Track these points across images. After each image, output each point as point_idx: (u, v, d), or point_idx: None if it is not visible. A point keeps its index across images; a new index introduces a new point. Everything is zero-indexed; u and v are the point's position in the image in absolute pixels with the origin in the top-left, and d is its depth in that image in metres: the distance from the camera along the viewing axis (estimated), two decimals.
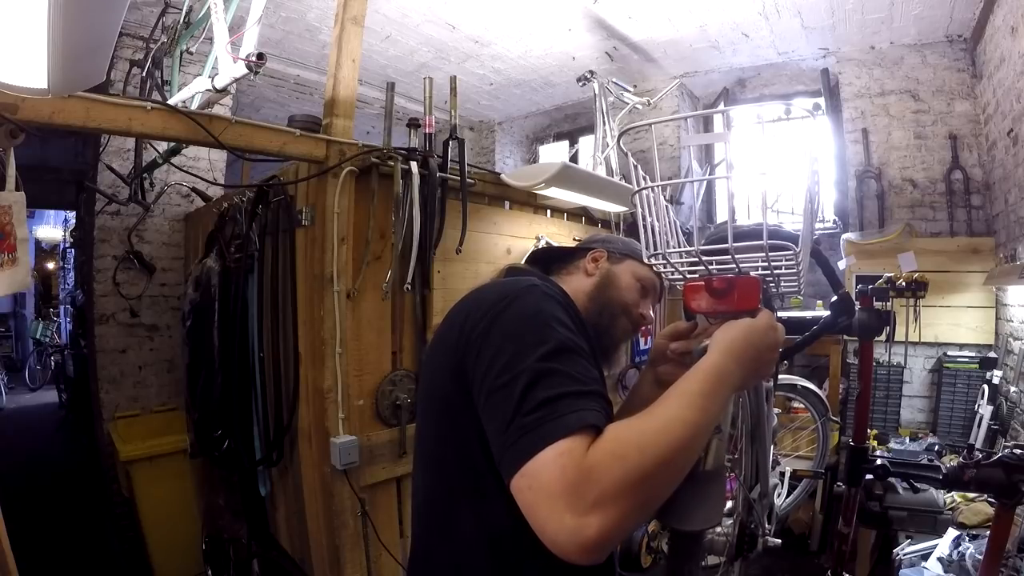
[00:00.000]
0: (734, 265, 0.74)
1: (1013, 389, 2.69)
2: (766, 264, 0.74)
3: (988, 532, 1.47)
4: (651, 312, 1.00)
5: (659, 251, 0.80)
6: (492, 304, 0.70)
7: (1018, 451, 1.32)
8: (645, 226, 0.80)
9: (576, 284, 0.96)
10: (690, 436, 0.58)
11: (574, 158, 4.46)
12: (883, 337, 1.73)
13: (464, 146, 1.97)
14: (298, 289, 1.75)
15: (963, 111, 3.38)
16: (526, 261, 1.04)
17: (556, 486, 0.51)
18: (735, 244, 0.70)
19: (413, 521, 0.85)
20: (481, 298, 0.74)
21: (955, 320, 3.24)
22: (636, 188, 0.80)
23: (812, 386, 2.64)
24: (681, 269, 0.81)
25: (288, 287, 1.79)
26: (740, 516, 1.00)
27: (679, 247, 0.83)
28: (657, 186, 0.78)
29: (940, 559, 1.89)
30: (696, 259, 0.77)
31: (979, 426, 2.85)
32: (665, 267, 0.82)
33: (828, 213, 3.97)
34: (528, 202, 2.48)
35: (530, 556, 0.59)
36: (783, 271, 0.77)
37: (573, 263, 1.01)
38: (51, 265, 9.52)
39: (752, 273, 0.75)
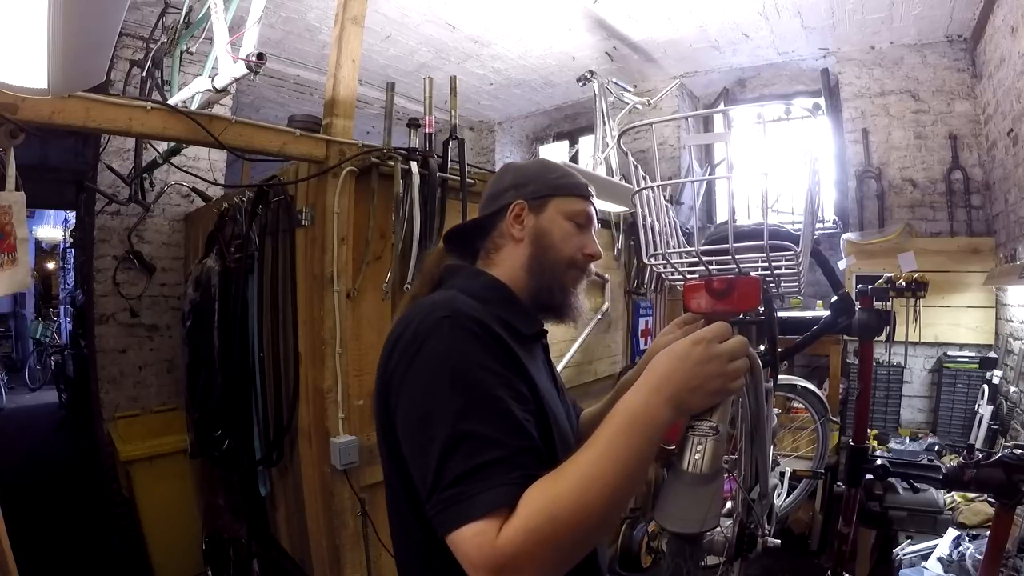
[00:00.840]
0: (734, 265, 0.74)
1: (1013, 389, 2.69)
2: (766, 264, 0.74)
3: (988, 532, 1.48)
4: (596, 244, 0.89)
5: (659, 251, 0.80)
6: (407, 344, 0.70)
7: (1018, 451, 1.33)
8: (645, 226, 0.80)
9: (510, 261, 0.86)
10: (609, 489, 0.58)
11: (574, 158, 4.47)
12: (883, 337, 1.73)
13: (464, 146, 1.96)
14: (298, 289, 1.75)
15: (963, 111, 3.38)
16: (445, 247, 0.93)
17: (475, 561, 0.56)
18: (735, 244, 0.70)
19: (396, 561, 0.86)
20: (404, 331, 0.72)
21: (955, 320, 3.24)
22: (636, 188, 0.80)
23: (812, 386, 2.63)
24: (681, 269, 0.81)
25: (288, 287, 1.79)
26: (739, 516, 1.00)
27: (679, 247, 0.84)
28: (657, 186, 0.78)
29: (940, 559, 1.89)
30: (696, 259, 0.77)
31: (979, 426, 2.85)
32: (665, 267, 0.82)
33: (828, 213, 3.97)
34: None
35: None
36: (783, 271, 0.77)
37: (496, 230, 0.89)
38: (51, 265, 9.52)
39: (752, 273, 0.75)
